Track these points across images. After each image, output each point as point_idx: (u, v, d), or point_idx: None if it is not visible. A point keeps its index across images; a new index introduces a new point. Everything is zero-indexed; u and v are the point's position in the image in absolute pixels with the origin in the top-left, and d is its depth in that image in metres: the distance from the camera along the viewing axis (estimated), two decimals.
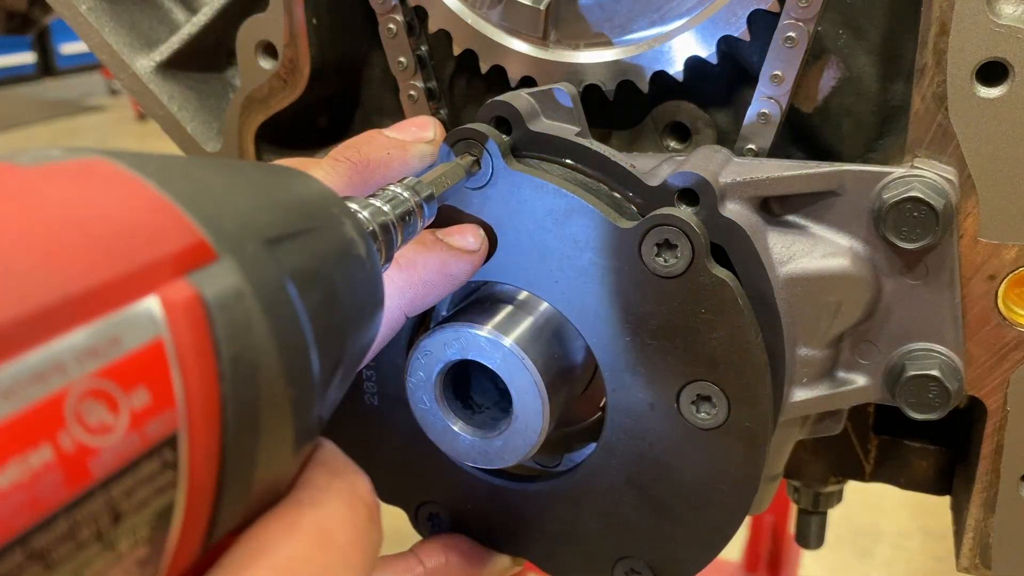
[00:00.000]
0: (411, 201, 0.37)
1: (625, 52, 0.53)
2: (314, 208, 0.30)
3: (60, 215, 0.22)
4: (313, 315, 0.26)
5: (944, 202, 0.44)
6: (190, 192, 0.25)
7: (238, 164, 0.31)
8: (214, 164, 0.28)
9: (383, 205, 0.36)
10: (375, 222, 0.34)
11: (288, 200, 0.29)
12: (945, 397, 0.47)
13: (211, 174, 0.27)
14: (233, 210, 0.26)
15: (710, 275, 0.42)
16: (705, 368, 0.43)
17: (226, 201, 0.26)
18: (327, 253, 0.29)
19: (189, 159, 0.28)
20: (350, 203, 0.34)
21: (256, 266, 0.25)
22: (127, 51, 0.65)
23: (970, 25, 0.44)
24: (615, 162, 0.44)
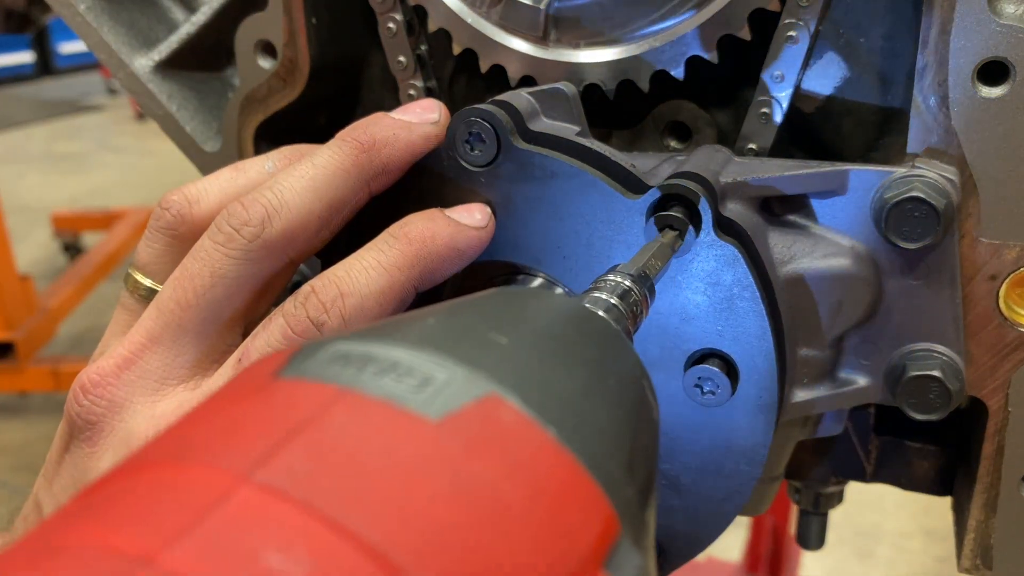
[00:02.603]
0: (638, 295, 0.36)
1: (625, 51, 0.53)
2: (633, 387, 0.29)
3: (497, 513, 0.20)
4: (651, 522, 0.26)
5: (945, 202, 0.44)
6: (580, 434, 0.23)
7: (539, 319, 0.28)
8: (544, 346, 0.26)
9: (617, 303, 0.34)
10: (620, 328, 0.33)
11: (615, 385, 0.27)
12: (946, 398, 0.47)
13: (562, 373, 0.25)
14: (606, 442, 0.24)
15: (717, 243, 0.42)
16: (713, 338, 0.44)
17: (596, 426, 0.24)
18: (651, 448, 0.28)
19: (518, 331, 0.26)
20: (600, 311, 0.33)
21: (637, 520, 0.23)
22: (126, 50, 0.65)
23: (971, 25, 0.44)
24: (615, 161, 0.44)
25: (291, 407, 0.21)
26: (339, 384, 0.22)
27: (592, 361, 0.28)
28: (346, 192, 0.44)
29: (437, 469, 0.20)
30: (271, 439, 0.20)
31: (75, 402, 0.43)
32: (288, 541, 0.17)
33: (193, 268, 0.42)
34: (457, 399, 0.22)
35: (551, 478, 0.22)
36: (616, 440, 0.25)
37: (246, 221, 0.41)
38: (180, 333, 0.42)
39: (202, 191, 0.46)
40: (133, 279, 0.46)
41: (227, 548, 0.17)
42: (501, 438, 0.22)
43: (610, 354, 0.29)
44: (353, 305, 0.40)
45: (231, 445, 0.20)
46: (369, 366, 0.22)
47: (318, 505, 0.18)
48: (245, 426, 0.21)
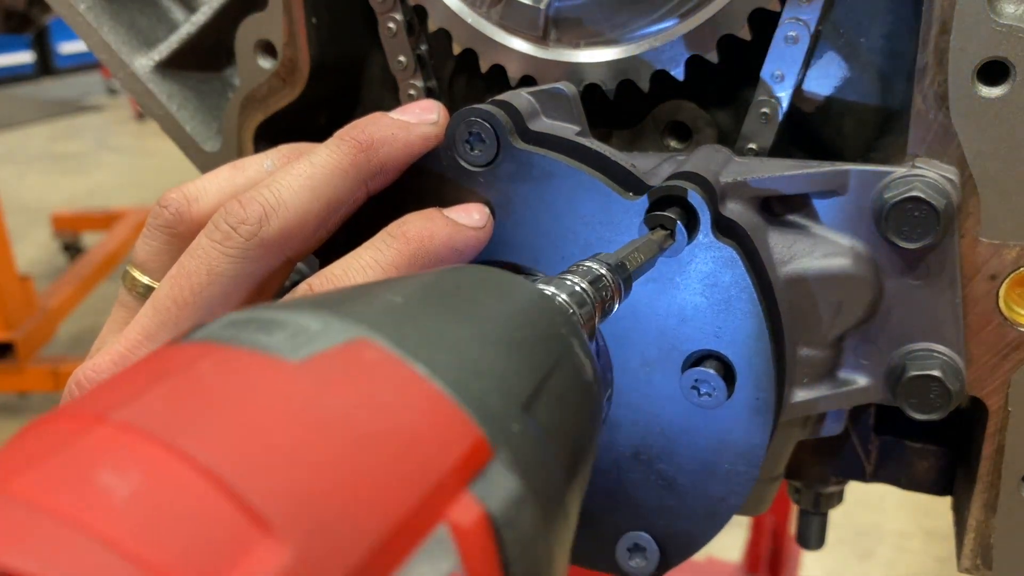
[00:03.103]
0: (611, 282, 0.36)
1: (625, 51, 0.53)
2: (549, 337, 0.28)
3: (344, 436, 0.20)
4: (568, 478, 0.25)
5: (945, 202, 0.44)
6: (454, 369, 0.23)
7: (456, 285, 0.29)
8: (445, 304, 0.27)
9: (586, 287, 0.34)
10: (581, 312, 0.33)
11: (527, 337, 0.27)
12: (946, 397, 0.47)
13: (453, 324, 0.25)
14: (491, 379, 0.24)
15: (715, 245, 0.42)
16: (710, 339, 0.44)
17: (482, 366, 0.25)
18: (569, 396, 0.27)
19: (422, 294, 0.26)
20: (551, 288, 0.33)
21: (524, 451, 0.23)
22: (126, 50, 0.65)
23: (971, 24, 0.44)
24: (615, 161, 0.44)
25: (166, 363, 0.23)
26: (215, 341, 0.23)
27: (498, 316, 0.28)
28: (344, 191, 0.44)
29: (287, 402, 0.21)
30: (136, 388, 0.22)
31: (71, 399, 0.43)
32: (125, 464, 0.19)
33: (190, 266, 0.42)
34: (320, 344, 0.23)
35: (411, 406, 0.22)
36: (505, 380, 0.25)
37: (243, 220, 0.41)
38: (176, 331, 0.42)
39: (201, 189, 0.46)
40: (131, 276, 0.46)
41: (67, 473, 0.19)
42: (361, 373, 0.22)
43: (528, 314, 0.29)
44: None
45: (104, 396, 0.22)
46: (251, 325, 0.23)
47: (161, 435, 0.19)
48: (123, 381, 0.23)
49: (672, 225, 0.42)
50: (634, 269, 0.38)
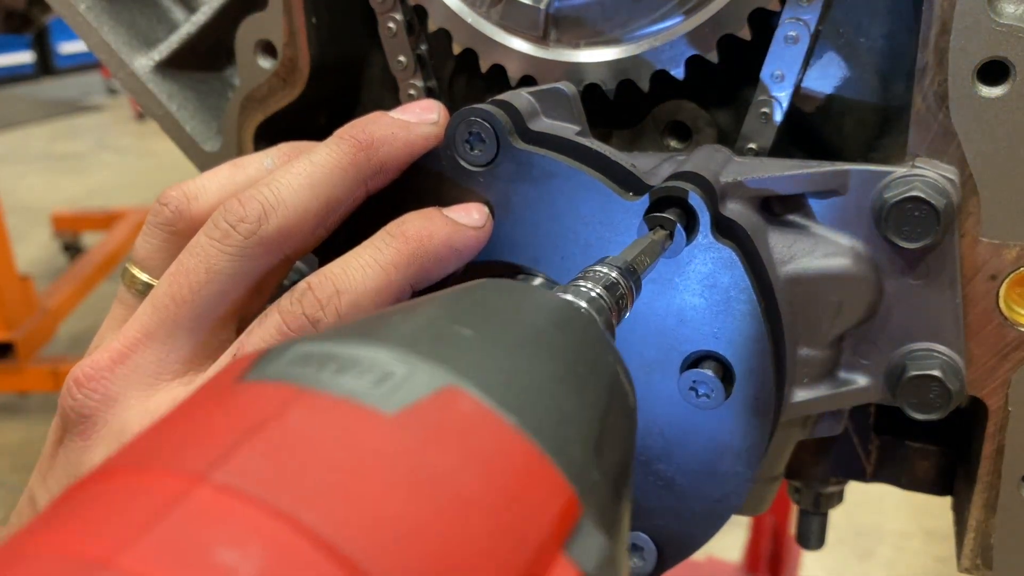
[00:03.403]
0: (624, 286, 0.36)
1: (625, 51, 0.53)
2: (602, 367, 0.29)
3: (451, 502, 0.20)
4: (624, 510, 0.26)
5: (945, 202, 0.44)
6: (540, 418, 0.23)
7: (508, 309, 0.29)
8: (509, 334, 0.27)
9: (602, 294, 0.34)
10: (601, 321, 0.33)
11: (588, 372, 0.27)
12: (946, 397, 0.47)
13: (524, 361, 0.25)
14: (570, 426, 0.24)
15: (714, 246, 0.42)
16: (709, 340, 0.44)
17: (561, 411, 0.25)
18: (622, 429, 0.28)
19: (484, 323, 0.26)
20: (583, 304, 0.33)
21: (602, 501, 0.24)
22: (126, 50, 0.65)
23: (971, 24, 0.44)
24: (615, 161, 0.44)
25: (249, 409, 0.22)
26: (298, 384, 0.22)
27: (560, 348, 0.28)
28: (343, 190, 0.44)
29: (391, 462, 0.20)
30: (228, 440, 0.20)
31: (69, 396, 0.43)
32: (242, 537, 0.18)
33: (189, 264, 0.42)
34: (414, 392, 0.22)
35: (507, 464, 0.22)
36: (582, 425, 0.25)
37: (242, 218, 0.41)
38: (175, 328, 0.42)
39: (201, 188, 0.46)
40: (130, 274, 0.46)
41: (182, 547, 0.18)
42: (457, 428, 0.22)
43: (581, 341, 0.29)
44: (349, 302, 0.40)
45: (190, 448, 0.21)
46: (329, 364, 0.23)
47: (272, 501, 0.19)
48: (204, 429, 0.22)
49: (671, 226, 0.42)
50: (642, 271, 0.38)
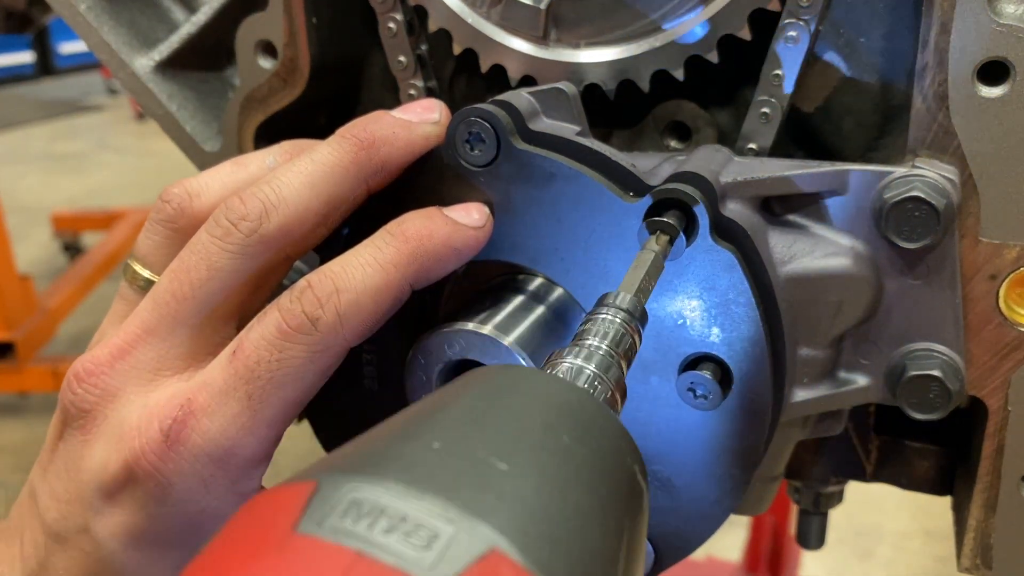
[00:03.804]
0: (630, 331, 0.36)
1: (625, 51, 0.53)
2: (631, 485, 0.30)
3: None
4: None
5: (945, 202, 0.44)
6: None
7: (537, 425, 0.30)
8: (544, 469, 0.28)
9: (610, 351, 0.35)
10: (619, 390, 0.34)
11: (618, 506, 0.29)
12: (946, 397, 0.47)
13: (562, 509, 0.27)
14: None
15: (714, 249, 0.42)
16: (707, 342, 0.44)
17: (594, 564, 0.26)
18: (642, 544, 0.30)
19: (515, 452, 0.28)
20: (580, 378, 0.34)
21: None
22: (126, 50, 0.65)
23: (971, 25, 0.44)
24: (615, 161, 0.44)
25: (311, 572, 0.23)
26: (353, 546, 0.24)
27: (588, 468, 0.29)
28: (344, 189, 0.44)
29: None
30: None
31: (69, 390, 0.43)
32: None
33: (190, 261, 0.42)
34: (461, 560, 0.24)
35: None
36: (613, 565, 0.27)
37: (244, 215, 0.41)
38: (175, 325, 0.42)
39: (203, 185, 0.46)
40: (132, 270, 0.47)
41: None
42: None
43: (605, 450, 0.30)
44: (348, 301, 0.41)
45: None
46: (380, 521, 0.24)
47: None
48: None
49: (673, 232, 0.42)
50: (648, 296, 0.39)
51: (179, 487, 0.41)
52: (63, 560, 0.43)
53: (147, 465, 0.41)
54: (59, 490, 0.43)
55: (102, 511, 0.42)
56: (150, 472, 0.41)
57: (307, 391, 0.42)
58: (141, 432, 0.41)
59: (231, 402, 0.40)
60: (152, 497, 0.41)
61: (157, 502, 0.41)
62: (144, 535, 0.42)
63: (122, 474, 0.41)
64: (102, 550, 0.42)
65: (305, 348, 0.40)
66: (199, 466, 0.41)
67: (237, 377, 0.41)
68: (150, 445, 0.41)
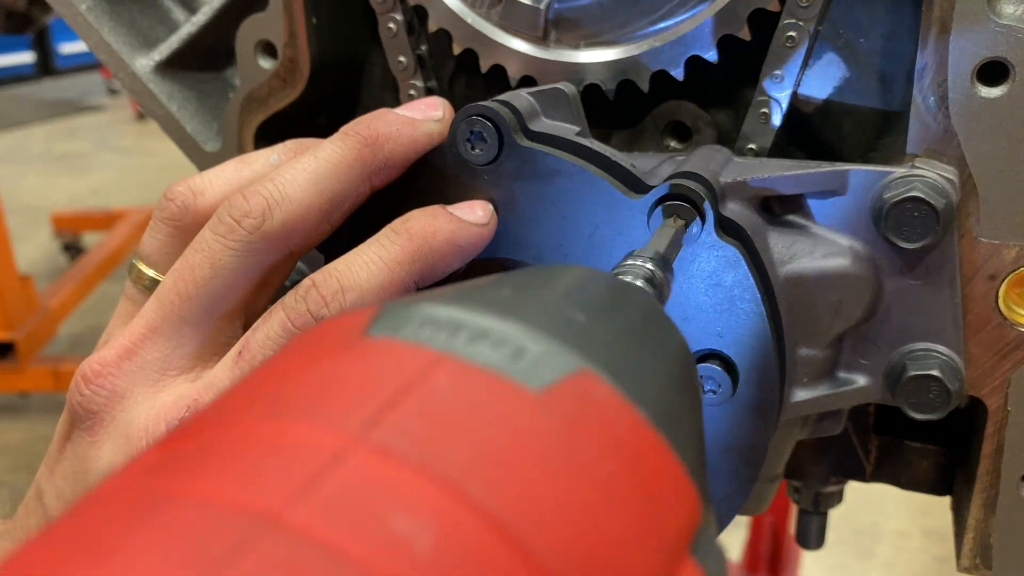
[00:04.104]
0: (663, 276, 0.36)
1: (625, 51, 0.53)
2: (689, 364, 0.30)
3: (602, 493, 0.20)
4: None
5: (945, 202, 0.44)
6: (664, 414, 0.24)
7: (605, 295, 0.29)
8: (617, 323, 0.27)
9: (645, 283, 0.35)
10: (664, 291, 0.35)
11: (683, 367, 0.28)
12: (946, 397, 0.47)
13: (638, 352, 0.26)
14: (684, 425, 0.25)
15: (718, 244, 0.42)
16: (713, 339, 0.44)
17: (676, 408, 0.25)
18: (701, 427, 0.29)
19: (594, 310, 0.27)
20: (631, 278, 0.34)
21: (710, 513, 0.24)
22: (126, 50, 0.65)
23: (971, 25, 0.44)
24: (615, 161, 0.44)
25: (391, 367, 0.21)
26: (436, 347, 0.22)
27: (652, 335, 0.28)
28: (347, 186, 0.44)
29: (543, 442, 0.20)
30: (378, 399, 0.20)
31: (77, 391, 0.43)
32: (413, 506, 0.17)
33: (194, 259, 0.42)
34: (552, 372, 0.22)
35: (647, 459, 0.22)
36: (690, 427, 0.26)
37: (247, 212, 0.42)
38: (180, 324, 0.43)
39: (207, 183, 0.46)
40: (137, 269, 0.47)
41: (353, 509, 0.17)
42: (599, 416, 0.22)
43: (668, 335, 0.30)
44: (353, 300, 0.41)
45: (336, 403, 0.20)
46: (461, 332, 0.22)
47: (439, 471, 0.18)
48: (346, 383, 0.21)
49: (689, 215, 0.42)
50: (672, 261, 0.38)
51: None
52: None
53: None
54: (66, 491, 0.44)
55: None
56: None
57: None
58: (149, 433, 0.41)
59: None
60: None
61: None
62: None
63: None
64: None
65: None
66: None
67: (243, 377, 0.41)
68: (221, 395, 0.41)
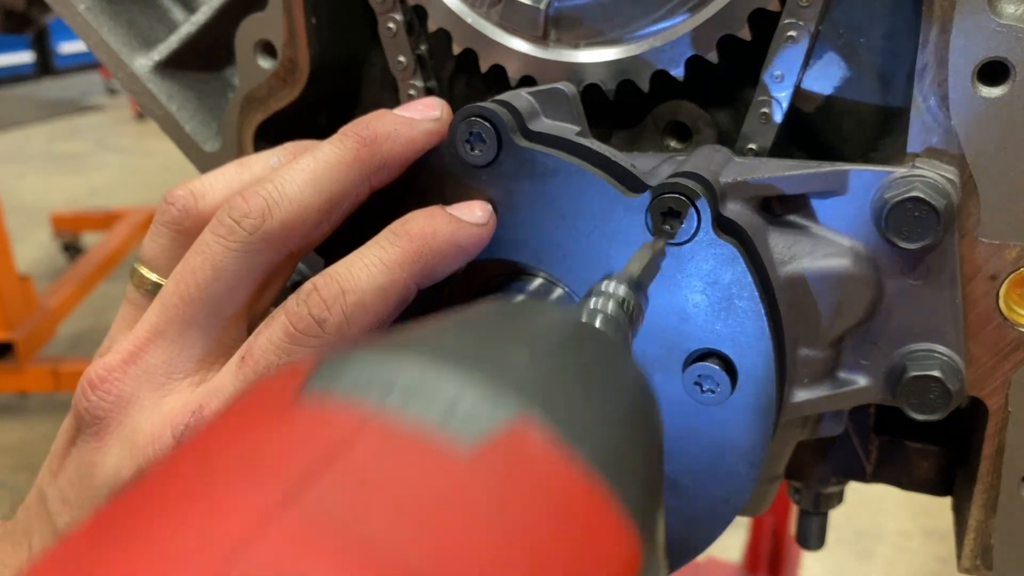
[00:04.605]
0: (633, 300, 0.36)
1: (625, 51, 0.53)
2: (643, 401, 0.29)
3: (528, 546, 0.20)
4: None
5: (945, 202, 0.44)
6: (609, 460, 0.23)
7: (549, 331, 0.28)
8: (560, 359, 0.26)
9: (617, 314, 0.35)
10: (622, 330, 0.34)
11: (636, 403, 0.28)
12: (946, 398, 0.47)
13: (582, 390, 0.25)
14: (631, 467, 0.25)
15: (716, 243, 0.42)
16: (711, 338, 0.44)
17: (623, 450, 0.25)
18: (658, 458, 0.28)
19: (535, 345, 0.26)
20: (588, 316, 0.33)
21: (654, 543, 0.24)
22: (125, 50, 0.65)
23: (971, 25, 0.44)
24: (615, 161, 0.44)
25: (319, 432, 0.21)
26: (367, 407, 0.21)
27: (602, 377, 0.28)
28: (346, 186, 0.44)
29: (471, 507, 0.20)
30: (303, 469, 0.20)
31: (83, 397, 0.43)
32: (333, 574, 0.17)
33: (195, 262, 0.42)
34: (486, 422, 0.22)
35: (580, 512, 0.22)
36: (642, 466, 0.26)
37: (246, 213, 0.42)
38: (184, 327, 0.43)
39: (207, 186, 0.46)
40: (139, 274, 0.47)
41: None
42: (532, 469, 0.22)
43: (617, 368, 0.29)
44: (354, 302, 0.41)
45: (263, 470, 0.20)
46: (395, 386, 0.22)
47: (361, 541, 0.18)
48: (274, 453, 0.21)
49: (684, 208, 0.42)
50: (650, 281, 0.38)
51: None
52: None
53: None
54: (71, 495, 0.44)
55: None
56: None
57: None
58: (155, 439, 0.41)
59: None
60: None
61: None
62: None
63: None
64: None
65: (313, 351, 0.40)
66: None
67: (247, 383, 0.41)
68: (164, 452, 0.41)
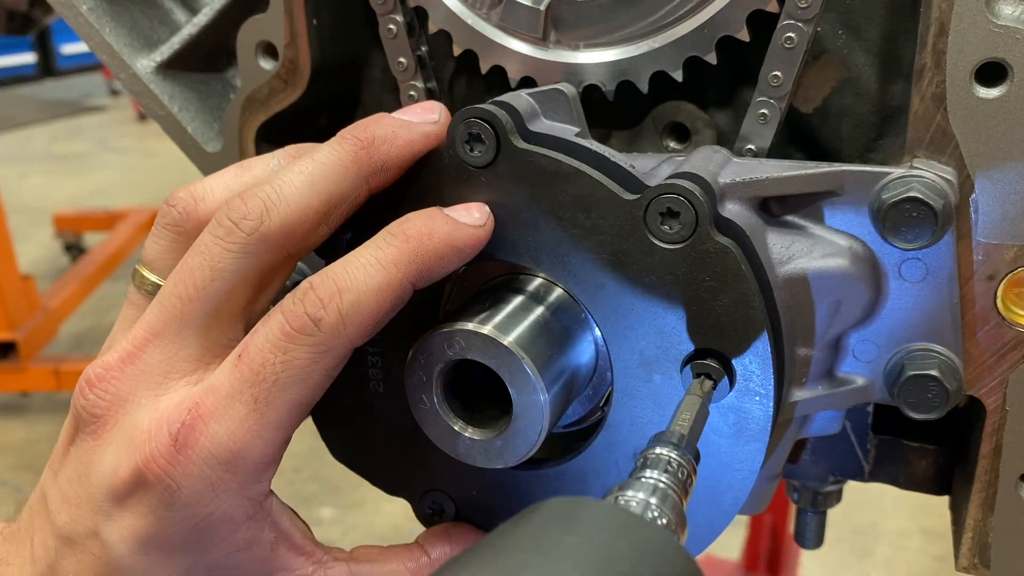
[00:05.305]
0: (686, 465, 0.37)
1: (625, 52, 0.53)
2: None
3: None
4: None
5: (943, 202, 0.45)
6: None
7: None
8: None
9: (670, 485, 0.36)
10: (675, 515, 0.35)
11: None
12: (944, 397, 0.48)
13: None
14: None
15: (713, 242, 0.42)
16: (709, 336, 0.44)
17: None
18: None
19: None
20: (633, 503, 0.34)
21: None
22: (128, 51, 0.65)
23: (969, 26, 0.44)
24: (615, 162, 0.45)
25: None
26: None
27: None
28: (344, 188, 0.44)
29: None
30: None
31: (81, 396, 0.44)
32: None
33: (194, 263, 0.43)
34: None
35: None
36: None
37: (245, 215, 0.42)
38: (182, 327, 0.43)
39: (208, 189, 0.46)
40: (140, 275, 0.47)
41: None
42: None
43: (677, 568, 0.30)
44: (350, 301, 0.41)
45: None
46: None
47: None
48: None
49: (719, 375, 0.43)
50: (697, 439, 0.40)
51: (187, 491, 0.41)
52: (72, 563, 0.44)
53: (157, 470, 0.41)
54: (70, 494, 0.44)
55: (112, 515, 0.43)
56: (160, 476, 0.41)
57: (313, 392, 0.42)
58: (151, 437, 0.42)
59: (238, 406, 0.41)
60: (161, 501, 0.42)
61: (166, 506, 0.42)
62: (152, 539, 0.42)
63: (132, 479, 0.42)
64: (111, 554, 0.43)
65: (309, 349, 0.41)
66: (207, 470, 0.41)
67: (243, 381, 0.41)
68: (160, 450, 0.41)
